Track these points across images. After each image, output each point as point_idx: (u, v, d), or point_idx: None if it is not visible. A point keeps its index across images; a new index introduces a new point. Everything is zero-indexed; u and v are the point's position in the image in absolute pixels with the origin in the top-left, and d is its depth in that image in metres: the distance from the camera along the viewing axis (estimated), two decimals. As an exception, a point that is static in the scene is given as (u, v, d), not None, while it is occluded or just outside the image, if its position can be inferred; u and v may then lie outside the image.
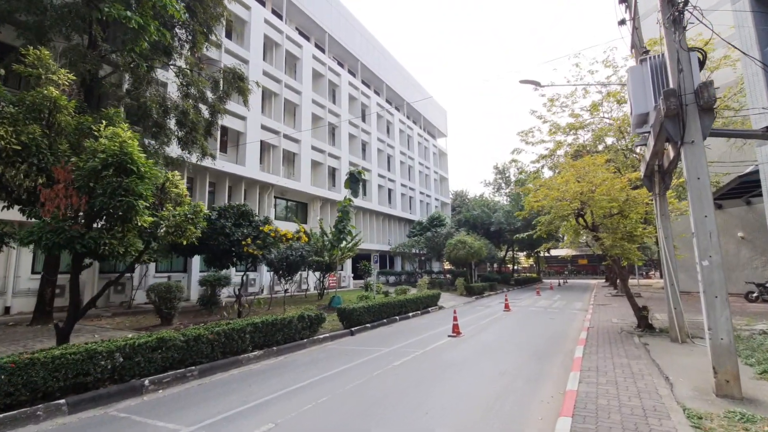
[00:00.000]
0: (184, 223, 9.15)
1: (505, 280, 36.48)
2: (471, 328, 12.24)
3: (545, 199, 10.42)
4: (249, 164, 23.69)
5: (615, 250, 9.52)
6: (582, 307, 17.82)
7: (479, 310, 17.49)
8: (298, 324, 10.17)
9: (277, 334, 9.52)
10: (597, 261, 58.53)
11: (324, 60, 31.96)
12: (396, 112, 43.06)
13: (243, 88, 16.14)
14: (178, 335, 7.47)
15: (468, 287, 24.25)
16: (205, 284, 15.70)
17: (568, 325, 12.65)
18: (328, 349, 9.76)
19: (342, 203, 17.83)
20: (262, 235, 17.14)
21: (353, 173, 17.55)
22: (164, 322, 12.63)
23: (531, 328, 12.20)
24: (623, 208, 10.20)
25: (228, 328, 8.38)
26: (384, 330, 12.66)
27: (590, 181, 10.04)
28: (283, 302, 16.05)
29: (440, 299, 21.64)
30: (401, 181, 42.09)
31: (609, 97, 19.02)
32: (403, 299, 15.57)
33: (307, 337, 10.46)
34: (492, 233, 34.87)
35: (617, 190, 9.81)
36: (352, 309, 12.40)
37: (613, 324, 11.37)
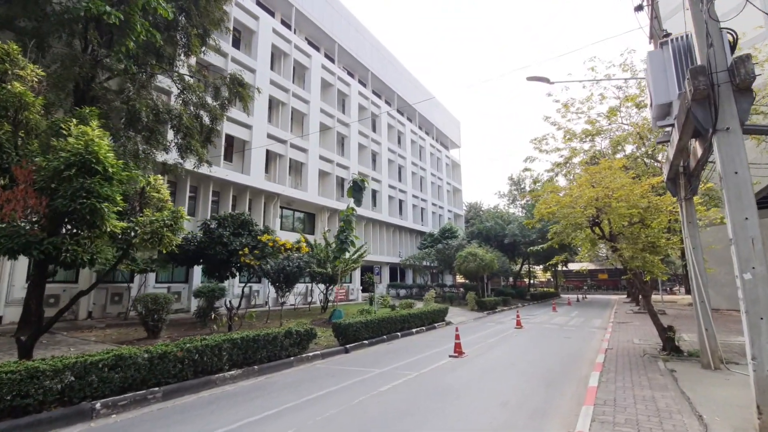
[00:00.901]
0: (161, 230, 8.50)
1: (520, 294, 35.01)
2: (476, 347, 11.21)
3: (556, 205, 9.44)
4: (254, 173, 23.31)
5: (636, 262, 8.46)
6: (601, 325, 16.50)
7: (489, 327, 16.36)
8: (285, 340, 9.37)
9: (260, 352, 8.73)
10: (618, 275, 56.12)
11: (333, 69, 31.75)
12: (407, 123, 42.52)
13: (243, 93, 15.74)
14: (140, 352, 6.76)
15: (479, 302, 23.07)
16: (199, 296, 15.07)
17: (584, 345, 11.49)
18: (316, 369, 8.91)
19: (344, 212, 17.11)
20: (260, 245, 16.56)
21: (356, 181, 16.85)
22: (151, 335, 11.99)
23: (543, 348, 11.10)
24: (644, 216, 9.15)
25: (202, 344, 7.64)
26: (382, 348, 11.74)
27: (606, 186, 9.05)
28: (281, 315, 15.31)
29: (449, 314, 20.56)
30: (413, 192, 41.29)
31: (627, 102, 17.95)
32: (406, 314, 14.61)
33: (296, 354, 9.64)
34: (506, 246, 33.59)
35: (637, 196, 8.79)
36: (347, 324, 11.54)
37: (634, 345, 10.18)
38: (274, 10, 28.31)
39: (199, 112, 15.88)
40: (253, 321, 12.38)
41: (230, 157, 24.06)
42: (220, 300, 20.98)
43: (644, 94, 17.72)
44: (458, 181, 54.06)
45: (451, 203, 50.61)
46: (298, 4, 28.76)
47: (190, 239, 16.80)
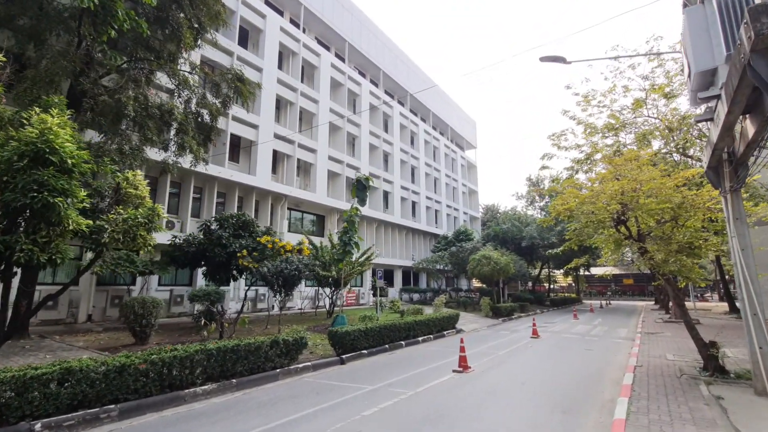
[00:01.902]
0: (134, 229, 7.78)
1: (538, 300, 33.39)
2: (485, 360, 10.10)
3: (574, 201, 8.27)
4: (260, 174, 22.72)
5: (669, 266, 7.24)
6: (627, 336, 15.07)
7: (502, 336, 15.15)
8: (270, 350, 8.50)
9: (240, 364, 7.88)
10: (645, 281, 53.46)
11: (343, 69, 31.08)
12: (421, 123, 41.51)
13: (242, 89, 15.10)
14: (95, 364, 5.98)
15: (494, 308, 21.79)
16: (194, 299, 14.41)
17: (608, 359, 10.22)
18: (302, 384, 8.00)
19: (348, 212, 16.22)
20: (260, 246, 15.84)
21: (360, 179, 15.96)
22: (138, 341, 11.33)
23: (560, 362, 9.90)
24: (678, 213, 7.91)
25: (169, 355, 6.84)
26: (382, 358, 10.75)
27: (633, 179, 7.85)
28: (279, 321, 14.50)
29: (461, 321, 19.40)
30: (426, 194, 40.18)
31: (655, 92, 16.51)
32: (412, 321, 13.59)
33: (283, 366, 8.76)
34: (523, 249, 32.09)
35: (669, 190, 7.57)
36: (344, 333, 10.61)
37: (668, 362, 8.88)
38: (283, 9, 27.85)
39: (198, 110, 15.35)
40: (246, 327, 11.61)
41: (237, 157, 23.58)
42: (220, 303, 20.47)
43: (674, 81, 16.27)
44: (474, 183, 52.61)
45: (466, 205, 49.21)
46: (308, 3, 28.24)
47: (190, 241, 16.27)
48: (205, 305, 14.24)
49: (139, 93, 11.74)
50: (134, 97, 11.27)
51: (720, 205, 8.06)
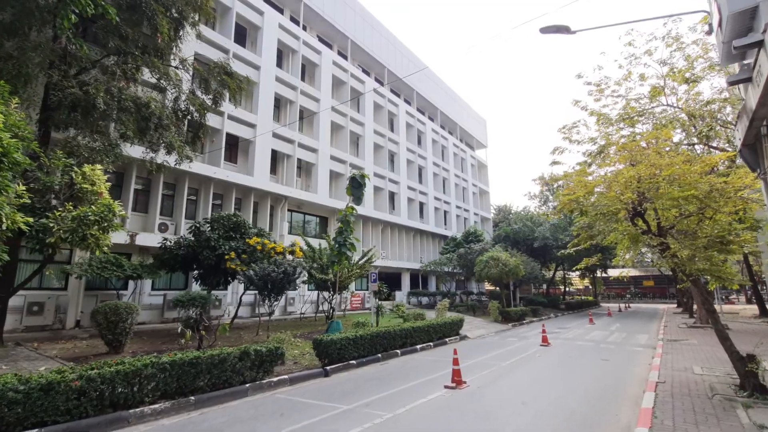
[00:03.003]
0: (83, 228, 6.98)
1: (553, 303, 31.91)
2: (485, 372, 9.00)
3: (582, 189, 7.13)
4: (258, 174, 22.01)
5: (698, 264, 6.07)
6: (647, 343, 13.73)
7: (510, 344, 13.98)
8: (238, 363, 7.59)
9: (201, 378, 6.99)
10: (666, 282, 51.14)
11: (346, 66, 30.30)
12: (428, 122, 40.46)
13: (228, 82, 14.36)
14: (14, 382, 5.16)
15: (503, 312, 20.55)
16: (178, 305, 13.66)
17: (626, 372, 9.02)
18: (271, 401, 7.07)
19: (343, 212, 15.30)
20: (249, 248, 15.06)
21: (355, 177, 15.03)
22: (112, 350, 10.59)
23: (571, 375, 8.74)
24: (705, 204, 6.72)
25: (111, 370, 5.98)
26: (371, 370, 9.75)
27: (652, 164, 6.71)
28: (267, 327, 13.64)
29: (467, 326, 18.26)
30: (434, 194, 39.05)
31: (673, 78, 15.19)
32: (409, 328, 12.55)
33: (254, 379, 7.84)
34: (536, 250, 30.67)
35: (695, 176, 6.42)
36: (329, 341, 9.65)
37: (696, 378, 7.64)
38: (283, 7, 27.24)
39: (188, 106, 14.69)
40: (227, 334, 10.77)
41: (234, 158, 22.95)
42: (206, 309, 19.72)
43: (695, 65, 14.93)
44: (485, 183, 51.23)
45: (477, 206, 47.85)
46: (308, 0, 27.58)
47: (181, 243, 15.60)
48: (195, 311, 13.50)
49: (113, 85, 11.06)
50: (106, 89, 10.57)
51: (756, 193, 6.87)
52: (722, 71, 16.17)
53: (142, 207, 18.70)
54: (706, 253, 6.05)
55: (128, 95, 11.12)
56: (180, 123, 15.10)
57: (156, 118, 12.00)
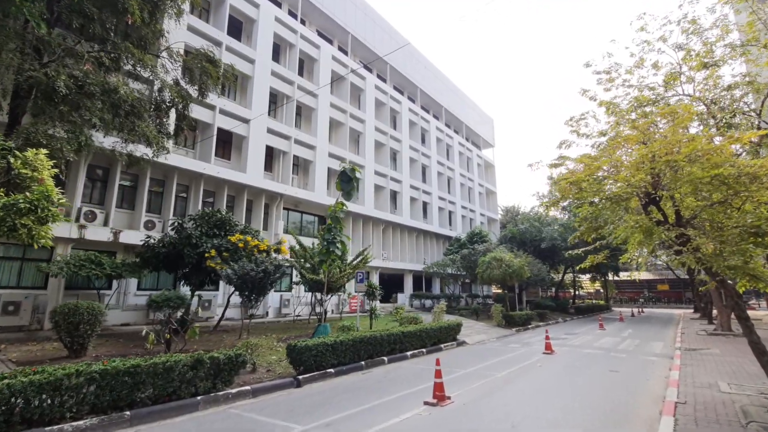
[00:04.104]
0: (12, 217, 6.13)
1: (561, 307, 30.53)
2: (475, 385, 7.93)
3: (584, 171, 6.00)
4: (251, 171, 21.20)
5: (730, 260, 4.92)
6: (663, 352, 12.48)
7: (511, 350, 12.85)
8: (190, 373, 6.66)
9: (141, 390, 6.07)
10: (682, 286, 49.13)
11: (346, 62, 29.45)
12: (433, 120, 39.39)
13: (210, 70, 13.56)
14: None
15: (507, 316, 19.36)
16: (152, 306, 12.83)
17: (639, 386, 7.88)
18: (222, 419, 6.11)
19: (332, 208, 14.35)
20: (232, 246, 14.19)
21: (345, 171, 14.04)
22: (72, 354, 9.77)
23: (574, 390, 7.63)
24: (734, 189, 5.60)
25: (25, 380, 5.09)
26: (350, 380, 8.75)
27: (669, 142, 5.62)
28: (248, 330, 12.71)
29: (468, 331, 17.18)
30: (439, 194, 37.91)
31: (690, 60, 13.95)
32: (399, 333, 11.52)
33: (209, 391, 6.90)
34: (543, 251, 29.38)
35: (723, 154, 5.31)
36: (303, 348, 8.67)
37: (724, 397, 6.45)
38: (281, 0, 26.53)
39: (172, 97, 13.95)
40: (196, 337, 9.86)
41: (227, 154, 22.22)
42: (210, 309, 18.89)
43: (715, 48, 13.65)
44: (492, 183, 49.91)
45: (483, 206, 46.56)
46: (306, -7, 26.86)
47: (164, 240, 14.83)
48: (165, 312, 12.65)
49: (78, 69, 10.28)
50: (69, 74, 9.79)
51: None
52: (744, 55, 14.89)
53: (128, 203, 17.99)
54: (739, 247, 4.93)
55: (95, 80, 10.31)
56: (163, 114, 14.38)
57: (128, 105, 11.20)
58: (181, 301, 12.88)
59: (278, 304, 22.74)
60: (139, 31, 13.29)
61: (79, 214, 15.71)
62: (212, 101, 19.87)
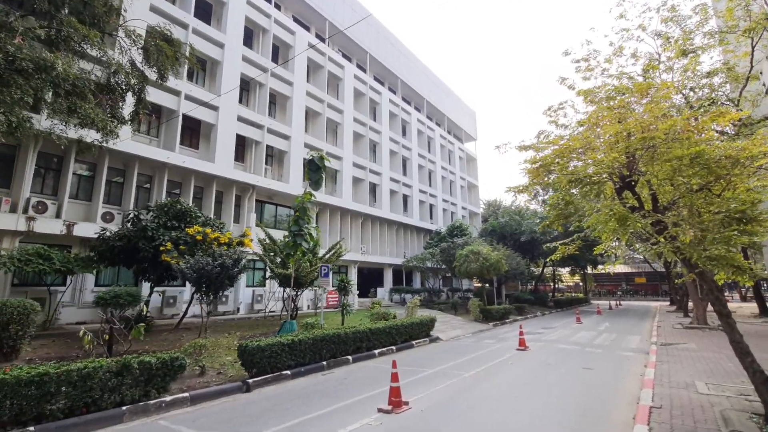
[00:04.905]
0: None
1: (540, 301, 30.44)
2: (439, 387, 7.34)
3: (551, 151, 5.40)
4: (220, 161, 20.17)
5: (711, 250, 4.36)
6: (639, 347, 12.16)
7: (484, 347, 12.35)
8: (113, 380, 5.86)
9: (52, 400, 5.26)
10: (658, 279, 49.91)
11: (324, 50, 28.47)
12: (414, 111, 38.69)
13: (165, 49, 12.54)
14: None
15: (484, 311, 18.95)
16: (100, 303, 11.88)
17: (613, 386, 7.41)
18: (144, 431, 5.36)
19: (299, 198, 13.58)
20: (191, 239, 13.30)
21: (314, 159, 13.31)
22: (1, 357, 8.81)
23: (544, 390, 7.11)
24: (714, 174, 5.08)
25: None
26: (307, 382, 8.06)
27: (646, 120, 5.06)
28: (205, 329, 11.87)
29: (443, 326, 16.68)
30: (420, 187, 37.35)
31: (669, 48, 13.63)
32: (366, 330, 10.88)
33: (138, 400, 6.12)
34: (523, 245, 29.14)
35: (702, 131, 4.77)
36: (255, 348, 7.95)
37: (701, 399, 5.99)
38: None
39: (127, 80, 12.91)
40: (141, 338, 9.01)
41: (195, 143, 21.10)
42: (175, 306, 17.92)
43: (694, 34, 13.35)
44: (474, 177, 49.62)
45: (465, 200, 46.25)
46: (281, -24, 25.73)
47: (120, 233, 13.81)
48: (108, 311, 11.64)
49: (9, 43, 9.22)
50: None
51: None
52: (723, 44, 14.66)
53: (84, 194, 16.84)
54: (722, 234, 4.39)
55: (27, 55, 9.27)
56: (117, 97, 13.32)
57: (68, 84, 10.16)
58: (132, 298, 11.94)
59: (250, 300, 21.87)
60: (93, 9, 12.25)
61: (27, 205, 14.58)
62: (177, 86, 18.78)
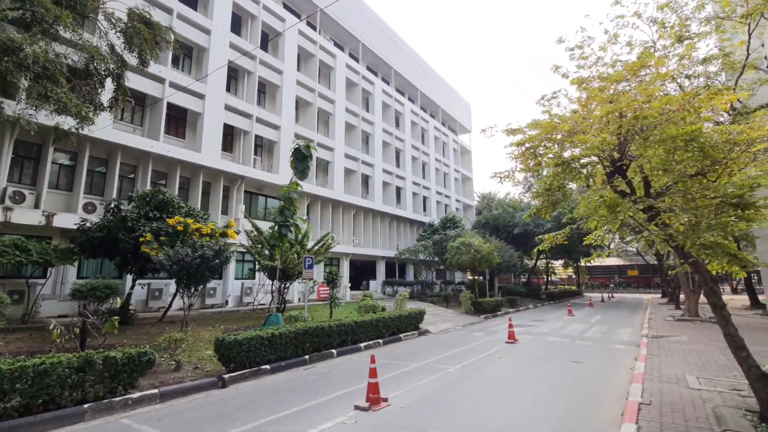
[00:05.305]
0: None
1: (533, 293, 30.36)
2: (422, 382, 7.06)
3: (536, 131, 5.04)
4: (207, 150, 19.67)
5: (706, 237, 4.05)
6: (630, 339, 11.98)
7: (474, 339, 12.12)
8: (74, 376, 5.52)
9: (4, 399, 4.91)
10: (650, 272, 50.11)
11: (315, 38, 27.84)
12: (408, 102, 38.20)
13: (143, 32, 12.01)
14: None
15: (476, 303, 18.74)
16: (76, 296, 11.49)
17: (602, 380, 7.18)
18: (105, 431, 5.03)
19: (285, 188, 13.19)
20: (172, 230, 12.89)
21: (299, 148, 12.85)
22: (-36, 353, 8.43)
23: (532, 387, 6.86)
24: (711, 158, 4.77)
25: None
26: (286, 377, 7.76)
27: (638, 100, 4.73)
28: (185, 322, 11.51)
29: (434, 319, 16.45)
30: (413, 179, 36.99)
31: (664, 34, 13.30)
32: (351, 323, 10.59)
33: (104, 397, 5.79)
34: (516, 237, 28.94)
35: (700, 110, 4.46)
36: (232, 342, 7.62)
37: (693, 395, 5.73)
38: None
39: (106, 65, 12.40)
40: (115, 332, 8.66)
41: (182, 132, 20.58)
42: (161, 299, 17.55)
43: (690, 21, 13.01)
44: (468, 169, 49.30)
45: (459, 192, 45.97)
46: (272, -39, 25.01)
47: (100, 224, 13.38)
48: (82, 303, 11.28)
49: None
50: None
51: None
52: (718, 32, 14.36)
53: (65, 184, 16.35)
54: (718, 221, 4.08)
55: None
56: (95, 82, 12.81)
57: (38, 67, 9.67)
58: (110, 291, 11.55)
59: (239, 293, 21.52)
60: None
61: (4, 195, 14.11)
62: (161, 73, 18.24)
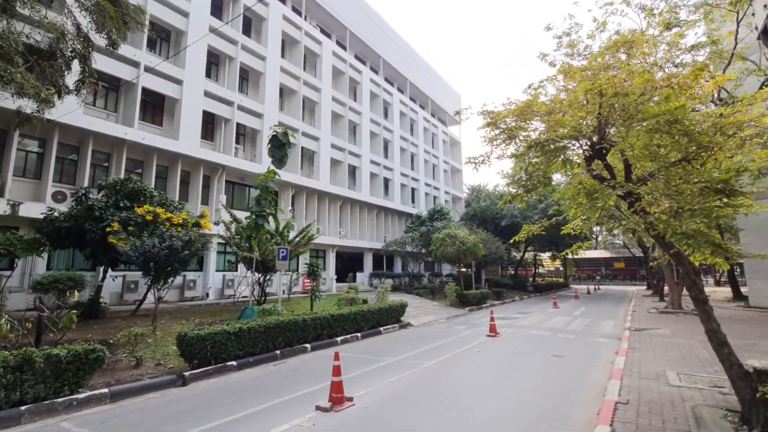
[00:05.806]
0: None
1: (520, 285, 30.31)
2: (392, 379, 6.73)
3: (510, 111, 4.67)
4: (185, 138, 18.97)
5: (689, 224, 3.71)
6: (612, 332, 11.82)
7: (454, 333, 11.84)
8: (10, 376, 5.06)
9: None
10: (636, 264, 50.61)
11: (300, 24, 27.05)
12: (397, 93, 37.58)
13: (107, 9, 11.31)
14: None
15: (461, 295, 18.50)
16: (38, 289, 10.91)
17: (581, 376, 6.92)
18: (41, 437, 4.60)
19: (262, 177, 12.69)
20: (142, 220, 12.33)
21: (277, 135, 12.33)
22: None
23: (508, 383, 6.56)
24: (696, 143, 4.44)
25: None
26: (253, 374, 7.37)
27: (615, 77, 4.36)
28: (155, 315, 11.01)
29: (417, 311, 16.18)
30: (401, 170, 36.54)
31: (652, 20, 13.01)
32: (327, 316, 10.21)
33: (46, 397, 5.35)
34: (504, 229, 28.77)
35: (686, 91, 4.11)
36: (194, 337, 7.20)
37: (672, 393, 5.45)
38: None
39: (73, 45, 11.70)
40: (74, 327, 8.17)
41: (159, 119, 19.81)
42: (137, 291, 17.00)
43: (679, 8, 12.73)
44: (458, 161, 48.97)
45: (448, 184, 45.67)
46: (252, -59, 24.06)
47: (68, 214, 12.76)
48: (37, 297, 10.66)
49: None
50: None
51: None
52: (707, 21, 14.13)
53: (33, 172, 15.62)
54: (702, 207, 3.75)
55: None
56: (60, 64, 12.10)
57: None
58: (73, 283, 10.98)
59: (221, 285, 21.01)
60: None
61: (-35, 183, 13.38)
62: (136, 57, 17.47)
